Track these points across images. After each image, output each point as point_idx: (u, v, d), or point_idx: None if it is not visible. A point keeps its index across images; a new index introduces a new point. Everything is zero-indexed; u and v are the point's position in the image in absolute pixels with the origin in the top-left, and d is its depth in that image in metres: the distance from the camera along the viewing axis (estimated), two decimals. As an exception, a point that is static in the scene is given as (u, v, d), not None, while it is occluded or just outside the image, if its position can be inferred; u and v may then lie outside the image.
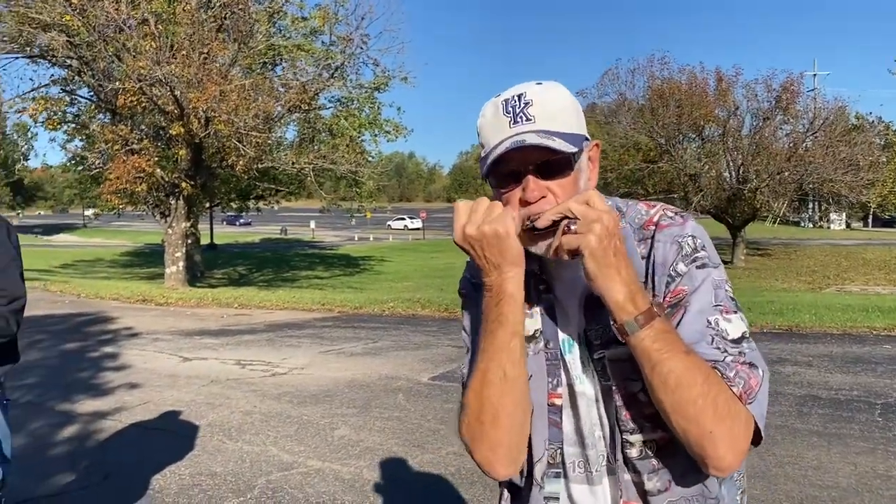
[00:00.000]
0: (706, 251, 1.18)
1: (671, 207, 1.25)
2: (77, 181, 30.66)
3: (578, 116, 1.22)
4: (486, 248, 1.14)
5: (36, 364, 7.91)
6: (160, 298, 14.96)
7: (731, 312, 1.15)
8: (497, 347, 1.17)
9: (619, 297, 1.09)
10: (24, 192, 75.89)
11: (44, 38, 15.86)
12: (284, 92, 18.19)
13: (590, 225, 1.08)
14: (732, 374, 1.11)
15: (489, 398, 1.18)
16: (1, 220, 2.34)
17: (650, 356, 1.08)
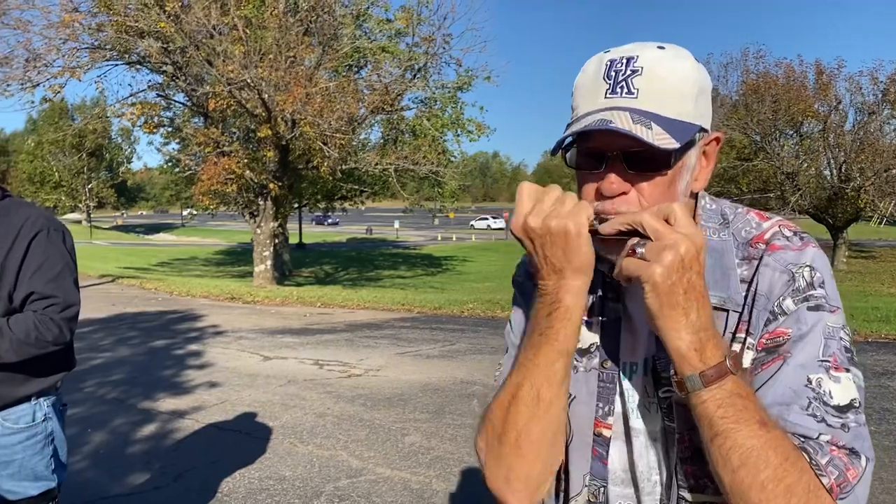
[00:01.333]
0: (825, 289, 0.95)
1: (791, 225, 1.02)
2: (173, 182, 32.01)
3: (699, 99, 0.97)
4: (547, 247, 0.93)
5: (125, 361, 8.17)
6: (247, 296, 15.32)
7: (841, 370, 0.92)
8: (537, 365, 0.97)
9: (680, 346, 0.87)
10: (127, 194, 79.95)
11: (141, 45, 16.54)
12: (368, 94, 18.36)
13: (660, 252, 0.85)
14: (825, 461, 0.86)
15: (515, 419, 0.99)
16: (57, 224, 2.31)
17: (712, 424, 0.86)
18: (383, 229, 62.96)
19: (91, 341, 9.33)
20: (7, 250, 2.16)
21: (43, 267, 2.18)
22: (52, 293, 2.18)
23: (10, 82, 16.06)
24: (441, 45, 19.17)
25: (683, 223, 0.86)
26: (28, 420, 2.27)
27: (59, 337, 2.20)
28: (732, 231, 1.02)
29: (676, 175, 0.97)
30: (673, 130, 0.92)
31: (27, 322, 2.13)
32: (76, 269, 2.33)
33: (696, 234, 0.86)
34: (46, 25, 16.10)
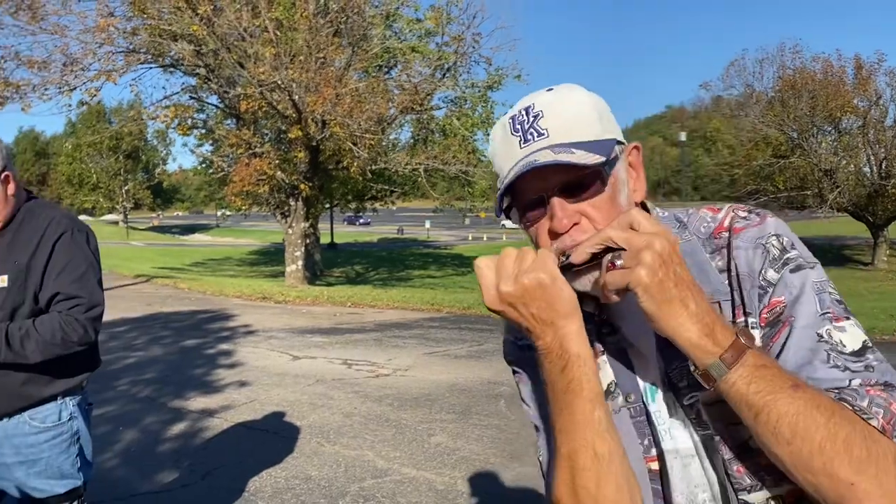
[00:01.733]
0: (797, 249, 0.97)
1: (741, 206, 1.04)
2: (206, 184, 32.44)
3: (604, 119, 1.01)
4: (530, 305, 0.92)
5: (157, 360, 8.29)
6: (279, 296, 15.47)
7: (841, 319, 0.92)
8: (578, 423, 0.92)
9: (692, 336, 0.86)
10: (163, 195, 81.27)
11: (174, 48, 16.79)
12: (398, 94, 18.42)
13: (638, 255, 0.85)
14: (866, 403, 0.85)
15: (586, 489, 0.92)
16: (81, 225, 2.34)
17: (750, 402, 0.84)
18: (414, 229, 63.12)
19: (125, 340, 9.49)
20: (32, 252, 2.19)
21: (67, 268, 2.21)
22: (77, 293, 2.21)
23: (48, 86, 16.43)
24: (471, 44, 19.16)
25: (647, 225, 0.87)
26: (54, 419, 2.31)
27: (85, 337, 2.23)
28: (693, 231, 1.03)
29: (614, 191, 0.98)
30: (593, 148, 0.94)
31: (53, 323, 2.16)
32: (100, 270, 2.36)
33: (664, 230, 0.87)
34: (83, 30, 16.45)
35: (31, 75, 16.43)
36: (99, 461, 4.64)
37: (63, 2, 16.49)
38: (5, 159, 2.18)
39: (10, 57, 16.43)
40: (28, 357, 2.13)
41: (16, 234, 2.22)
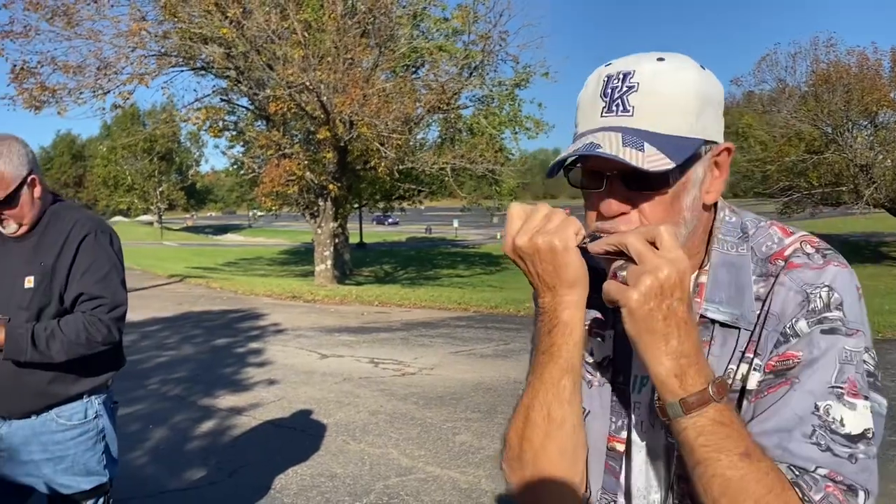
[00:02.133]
0: (842, 311, 0.90)
1: (815, 241, 0.97)
2: (238, 185, 32.81)
3: (704, 111, 0.93)
4: (538, 265, 0.93)
5: (188, 358, 8.42)
6: (308, 295, 15.60)
7: (859, 396, 0.87)
8: (544, 383, 0.96)
9: (661, 372, 0.85)
10: (196, 196, 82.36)
11: (204, 51, 17.02)
12: (425, 93, 18.45)
13: (640, 276, 0.84)
14: (818, 498, 0.83)
15: (531, 440, 0.98)
16: (105, 227, 2.39)
17: (693, 452, 0.85)
18: (443, 228, 63.16)
19: (157, 339, 9.65)
20: (57, 253, 2.25)
21: (91, 269, 2.26)
22: (101, 294, 2.26)
23: (83, 90, 16.75)
24: (497, 42, 19.13)
25: (668, 247, 0.84)
26: (80, 417, 2.36)
27: (108, 337, 2.28)
28: (752, 245, 0.99)
29: (680, 191, 0.94)
30: (668, 149, 0.89)
31: (77, 323, 2.22)
32: (123, 270, 2.41)
33: (680, 259, 0.84)
34: (116, 34, 16.74)
35: (67, 79, 16.78)
36: (129, 459, 4.75)
37: (97, 7, 16.80)
38: (31, 163, 2.24)
39: (47, 62, 16.77)
40: (53, 357, 2.19)
41: (42, 236, 2.28)
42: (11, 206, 2.20)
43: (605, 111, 0.93)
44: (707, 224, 1.01)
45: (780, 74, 28.92)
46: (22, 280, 2.22)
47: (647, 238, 0.85)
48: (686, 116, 0.91)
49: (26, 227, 2.26)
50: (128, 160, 61.59)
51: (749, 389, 0.93)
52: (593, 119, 0.94)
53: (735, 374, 0.95)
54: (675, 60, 0.94)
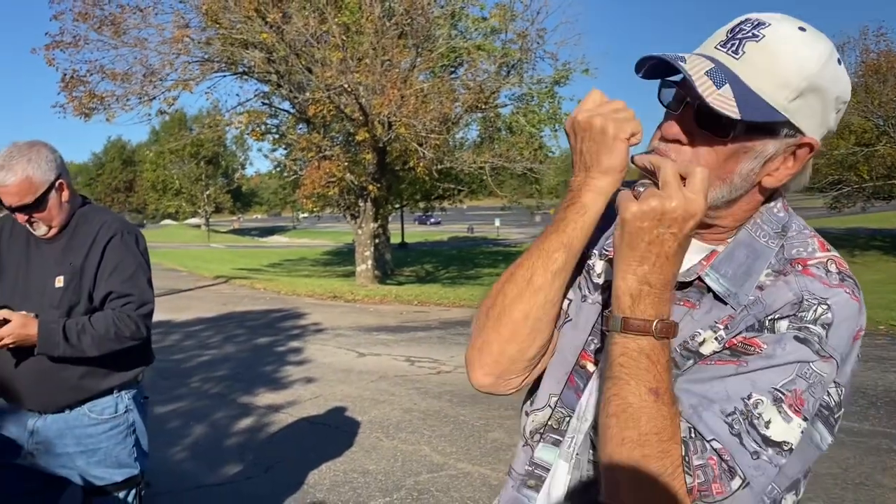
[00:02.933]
0: (826, 332, 0.89)
1: (843, 263, 0.97)
2: (281, 187, 33.30)
3: (806, 95, 0.90)
4: (585, 142, 0.96)
5: (229, 357, 8.60)
6: (349, 295, 15.77)
7: (797, 413, 0.86)
8: (540, 249, 1.01)
9: (620, 286, 0.89)
10: (242, 199, 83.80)
11: (246, 56, 17.34)
12: (464, 93, 18.48)
13: (649, 197, 0.85)
14: (698, 463, 0.84)
15: (505, 295, 1.03)
16: (131, 228, 2.48)
17: (610, 367, 0.88)
18: (485, 227, 63.12)
19: (200, 339, 9.88)
20: (85, 254, 2.35)
21: (118, 268, 2.36)
22: (129, 291, 2.35)
23: (130, 97, 17.24)
24: (535, 39, 19.05)
25: (694, 186, 0.85)
26: (111, 411, 2.46)
27: (136, 332, 2.36)
28: (784, 244, 0.98)
29: (740, 152, 0.93)
30: (745, 102, 0.88)
31: (107, 319, 2.31)
32: (149, 269, 2.49)
33: (696, 202, 0.84)
34: (161, 42, 17.19)
35: (114, 87, 17.30)
36: (169, 454, 4.89)
37: (143, 16, 17.27)
38: (59, 168, 2.34)
39: (95, 70, 17.32)
40: (85, 350, 2.28)
41: (71, 237, 2.39)
42: (40, 210, 2.30)
43: (720, 45, 0.94)
44: (755, 206, 1.01)
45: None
46: (53, 280, 2.32)
47: (682, 173, 0.86)
48: (783, 89, 0.90)
49: (56, 229, 2.37)
50: (175, 164, 62.99)
51: (701, 353, 0.95)
52: (707, 47, 0.95)
53: (698, 339, 0.96)
54: (812, 37, 0.92)
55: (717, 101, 0.87)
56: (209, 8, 16.38)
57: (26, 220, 2.32)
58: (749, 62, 0.90)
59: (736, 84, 0.89)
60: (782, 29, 0.92)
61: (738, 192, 0.96)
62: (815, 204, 49.42)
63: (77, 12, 16.79)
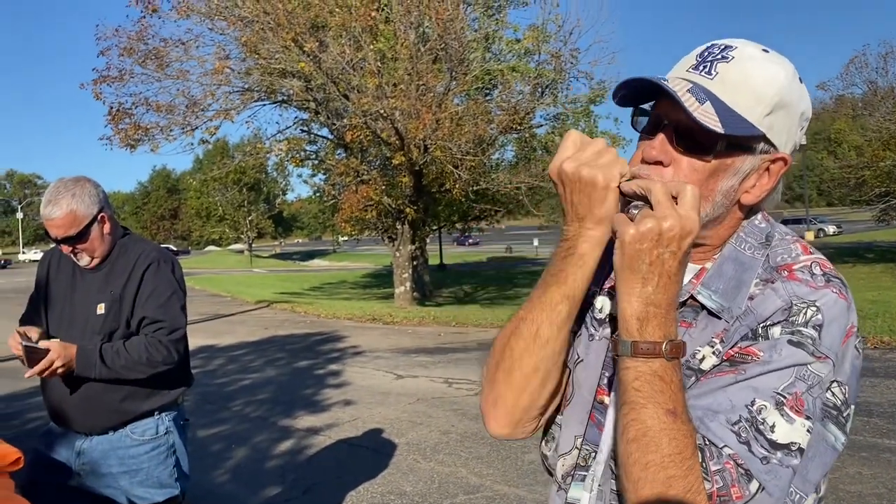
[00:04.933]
0: (819, 334, 0.91)
1: (827, 264, 0.99)
2: (320, 211, 33.76)
3: (777, 112, 0.96)
4: (575, 193, 0.97)
5: (270, 381, 8.74)
6: (387, 317, 15.88)
7: (800, 413, 0.88)
8: (543, 303, 1.01)
9: (626, 310, 0.90)
10: (283, 224, 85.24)
11: (285, 85, 17.73)
12: (498, 114, 18.59)
13: (644, 218, 0.87)
14: (715, 468, 0.86)
15: (512, 350, 1.04)
16: (167, 257, 2.59)
17: (625, 392, 0.89)
18: (523, 247, 62.94)
19: (242, 363, 10.05)
20: (125, 282, 2.48)
21: (153, 295, 2.47)
22: (161, 318, 2.46)
23: (173, 127, 17.74)
24: (569, 59, 19.09)
25: (686, 204, 0.87)
26: (152, 433, 2.55)
27: (168, 357, 2.46)
28: (769, 253, 1.01)
29: (720, 170, 0.96)
30: (725, 117, 0.92)
31: (139, 344, 2.43)
32: (185, 296, 2.60)
33: (691, 218, 0.87)
34: (202, 73, 17.69)
35: (158, 118, 17.82)
36: (211, 476, 4.99)
37: (185, 49, 17.81)
38: (102, 202, 2.47)
39: (140, 103, 17.88)
40: (119, 373, 2.39)
41: (112, 267, 2.53)
42: (83, 241, 2.44)
43: (692, 68, 0.98)
44: (737, 223, 1.04)
45: (870, 76, 27.64)
46: (95, 307, 2.46)
47: (672, 192, 0.89)
48: (758, 105, 0.94)
49: (98, 259, 2.51)
50: (218, 191, 64.23)
51: (702, 370, 0.97)
52: (679, 71, 1.00)
53: (698, 357, 0.98)
54: (776, 57, 0.98)
55: (702, 116, 0.91)
56: (249, 39, 16.83)
57: (70, 250, 2.47)
58: (723, 81, 0.95)
59: (715, 101, 0.93)
60: (748, 50, 0.97)
61: (720, 210, 0.99)
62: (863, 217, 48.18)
63: (122, 48, 17.41)
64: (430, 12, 16.78)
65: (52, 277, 2.62)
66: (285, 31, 16.04)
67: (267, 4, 16.21)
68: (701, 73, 0.96)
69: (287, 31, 16.04)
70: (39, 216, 2.45)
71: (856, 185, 30.23)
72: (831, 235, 49.03)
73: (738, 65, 0.95)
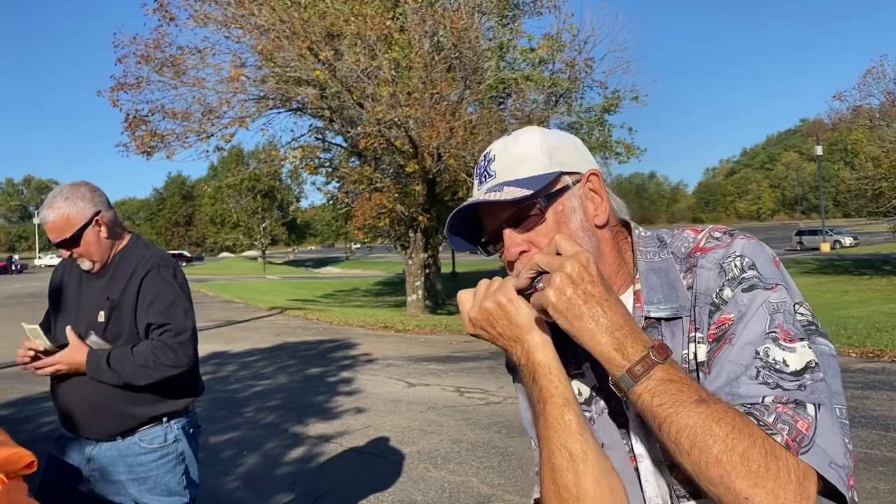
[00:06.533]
0: (756, 270, 1.00)
1: (720, 227, 1.09)
2: (334, 219, 33.87)
3: (553, 153, 1.10)
4: (496, 325, 1.03)
5: (282, 388, 8.75)
6: (399, 325, 15.89)
7: (795, 341, 0.93)
8: (551, 427, 0.99)
9: (602, 350, 0.92)
10: (297, 231, 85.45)
11: (300, 93, 17.82)
12: (512, 123, 18.59)
13: (550, 278, 0.93)
14: (772, 419, 0.87)
15: (566, 487, 0.98)
16: (168, 262, 2.59)
17: (654, 414, 0.89)
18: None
19: (254, 369, 10.08)
20: (123, 288, 2.49)
21: (156, 300, 2.47)
22: (165, 321, 2.46)
23: (189, 134, 17.85)
24: (583, 69, 19.09)
25: (566, 248, 0.95)
26: (160, 441, 2.55)
27: (176, 360, 2.44)
28: (672, 250, 1.09)
29: (561, 219, 1.07)
30: (524, 184, 1.05)
31: (145, 348, 2.43)
32: (188, 300, 2.58)
33: (579, 252, 0.94)
34: (218, 81, 17.80)
35: (174, 125, 17.94)
36: (221, 483, 4.99)
37: (201, 57, 17.95)
38: (99, 206, 2.50)
39: (157, 110, 18.02)
40: (126, 376, 2.39)
41: (114, 273, 2.54)
42: (77, 245, 2.46)
43: (478, 186, 1.14)
44: (612, 242, 1.12)
45: (888, 87, 27.42)
46: (97, 314, 2.48)
47: (549, 252, 0.96)
48: (536, 160, 1.09)
49: (99, 264, 2.53)
50: (233, 198, 64.67)
51: (701, 362, 1.00)
52: (475, 196, 1.13)
53: (689, 356, 1.02)
54: (518, 130, 1.15)
55: (508, 194, 1.04)
56: (264, 48, 16.92)
57: (69, 255, 2.50)
58: (501, 171, 1.10)
59: (509, 183, 1.07)
60: (499, 144, 1.14)
61: (590, 243, 1.08)
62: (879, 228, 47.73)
63: (140, 55, 17.56)
64: (444, 21, 16.83)
65: (64, 283, 2.64)
66: (301, 39, 16.13)
67: (283, 13, 16.32)
68: (486, 181, 1.11)
69: (303, 39, 16.13)
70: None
71: (873, 197, 29.93)
72: (848, 247, 48.56)
73: (500, 156, 1.11)
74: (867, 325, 11.41)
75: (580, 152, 1.14)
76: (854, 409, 6.33)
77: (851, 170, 33.75)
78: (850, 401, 6.39)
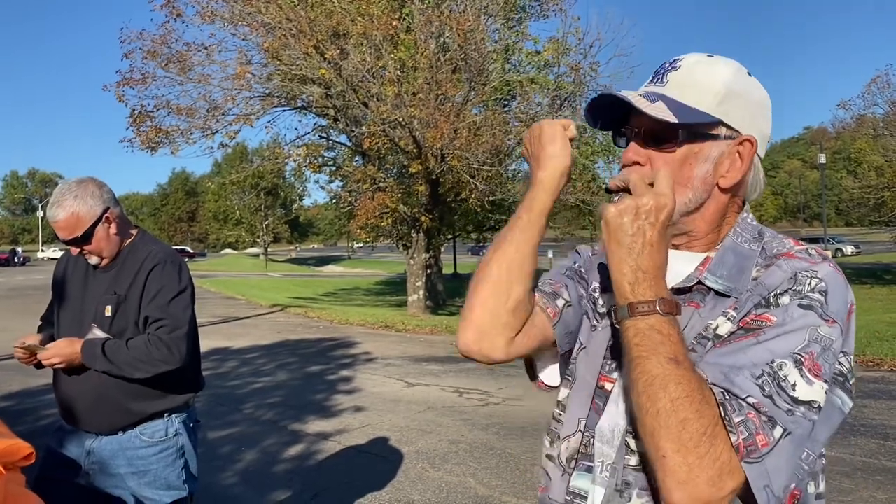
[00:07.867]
0: (824, 298, 0.97)
1: (821, 250, 1.07)
2: (337, 218, 33.90)
3: (728, 99, 1.07)
4: (532, 143, 1.18)
5: (282, 385, 8.76)
6: (400, 325, 15.89)
7: (818, 377, 0.92)
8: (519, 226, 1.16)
9: (618, 278, 0.98)
10: (300, 229, 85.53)
11: (305, 91, 17.84)
12: (516, 125, 18.59)
13: (624, 198, 1.00)
14: (738, 420, 0.88)
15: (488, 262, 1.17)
16: (174, 258, 2.60)
17: (629, 350, 0.95)
18: (539, 259, 62.82)
19: (255, 366, 10.09)
20: (130, 283, 2.50)
21: (158, 295, 2.49)
22: (162, 316, 2.47)
23: (193, 131, 17.88)
24: (588, 72, 19.10)
25: (659, 184, 0.99)
26: (161, 435, 2.56)
27: (168, 356, 2.43)
28: (764, 246, 1.09)
29: (689, 158, 1.07)
30: (677, 109, 1.05)
31: (140, 341, 2.44)
32: (190, 297, 2.59)
33: (664, 195, 0.98)
34: (224, 78, 17.81)
35: (179, 121, 17.97)
36: (219, 479, 5.00)
37: (207, 53, 17.97)
38: (107, 202, 2.50)
39: (162, 105, 18.04)
40: (121, 368, 2.41)
41: (121, 267, 2.56)
42: (88, 242, 2.48)
43: (648, 83, 1.13)
44: (722, 208, 1.12)
45: (892, 96, 27.39)
46: (103, 308, 2.49)
47: (647, 180, 1.01)
48: (707, 96, 1.06)
49: (107, 259, 2.54)
50: (236, 195, 64.65)
51: (718, 335, 1.02)
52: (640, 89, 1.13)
53: (712, 327, 1.04)
54: (720, 58, 1.12)
55: (654, 111, 1.03)
56: (271, 45, 16.95)
57: (78, 251, 2.51)
58: (674, 85, 1.08)
59: (667, 100, 1.06)
60: (694, 57, 1.11)
61: (701, 196, 1.09)
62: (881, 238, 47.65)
63: (146, 51, 17.58)
64: (451, 23, 16.85)
65: (68, 277, 2.65)
66: (307, 38, 16.15)
67: (290, 11, 16.34)
68: (654, 84, 1.10)
69: (309, 38, 16.15)
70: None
71: (875, 206, 29.93)
72: (849, 256, 48.51)
73: (685, 70, 1.09)
74: (867, 333, 11.39)
75: (757, 113, 1.11)
76: (853, 418, 6.32)
77: (854, 178, 33.73)
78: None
